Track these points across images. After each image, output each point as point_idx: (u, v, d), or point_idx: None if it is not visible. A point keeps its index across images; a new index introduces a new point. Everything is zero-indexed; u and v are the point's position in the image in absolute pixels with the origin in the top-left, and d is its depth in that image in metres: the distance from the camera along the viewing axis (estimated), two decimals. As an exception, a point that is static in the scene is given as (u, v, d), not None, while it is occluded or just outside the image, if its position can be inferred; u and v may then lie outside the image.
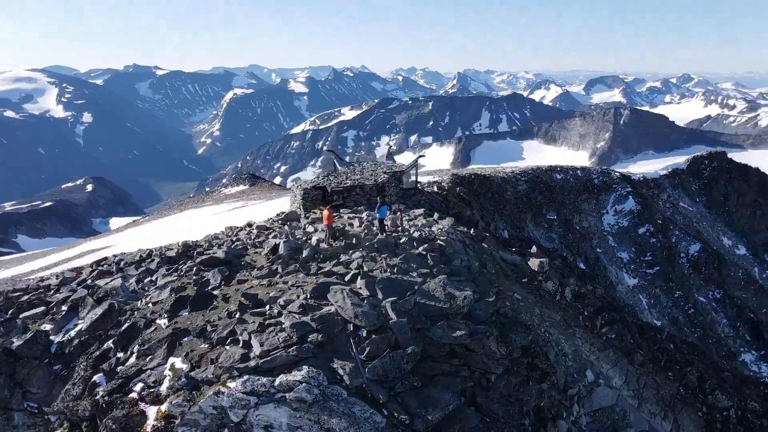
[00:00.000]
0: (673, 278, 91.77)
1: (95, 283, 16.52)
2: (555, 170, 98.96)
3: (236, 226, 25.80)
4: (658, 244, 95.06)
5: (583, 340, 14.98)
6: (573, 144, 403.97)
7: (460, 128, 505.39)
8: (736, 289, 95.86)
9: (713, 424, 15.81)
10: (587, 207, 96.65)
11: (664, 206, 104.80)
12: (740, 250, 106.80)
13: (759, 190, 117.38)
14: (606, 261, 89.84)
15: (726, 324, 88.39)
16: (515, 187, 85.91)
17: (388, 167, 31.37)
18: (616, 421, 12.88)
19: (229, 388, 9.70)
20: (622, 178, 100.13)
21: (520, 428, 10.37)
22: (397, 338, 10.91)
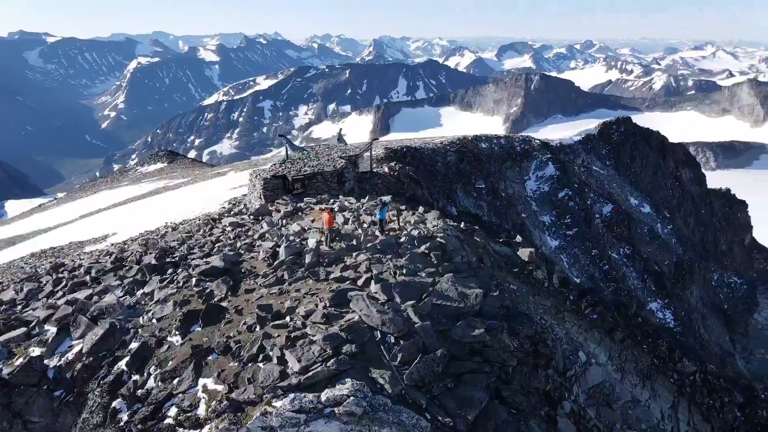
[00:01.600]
0: (589, 238, 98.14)
1: (75, 297, 15.73)
2: (480, 139, 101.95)
3: (203, 220, 25.06)
4: (576, 207, 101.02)
5: (571, 323, 16.33)
6: (488, 110, 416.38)
7: (378, 96, 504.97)
8: (642, 245, 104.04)
9: (683, 388, 17.90)
10: (511, 174, 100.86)
11: (580, 170, 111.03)
12: (645, 208, 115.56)
13: (659, 152, 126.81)
14: (530, 225, 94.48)
15: (635, 277, 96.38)
16: (445, 158, 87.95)
17: (343, 151, 31.40)
18: (607, 396, 14.33)
19: (275, 408, 9.88)
20: (542, 145, 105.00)
21: (541, 416, 11.37)
22: (424, 342, 11.47)
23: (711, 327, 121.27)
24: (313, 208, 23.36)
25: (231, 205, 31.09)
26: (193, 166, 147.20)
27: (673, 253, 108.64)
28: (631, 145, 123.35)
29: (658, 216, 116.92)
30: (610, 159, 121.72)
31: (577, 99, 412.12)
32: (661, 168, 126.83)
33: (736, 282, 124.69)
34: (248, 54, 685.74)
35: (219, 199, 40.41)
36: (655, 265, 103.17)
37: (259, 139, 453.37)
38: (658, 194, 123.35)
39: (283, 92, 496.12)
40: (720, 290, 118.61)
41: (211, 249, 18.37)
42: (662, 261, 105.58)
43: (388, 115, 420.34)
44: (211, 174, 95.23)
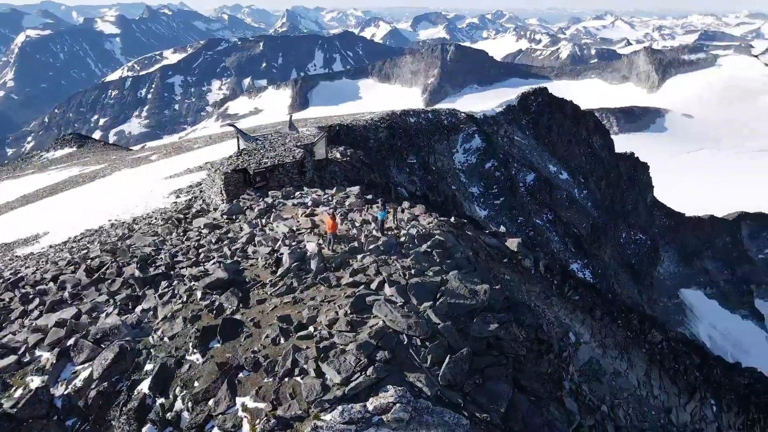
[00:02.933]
0: (515, 206, 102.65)
1: (62, 318, 14.97)
2: (408, 114, 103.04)
3: (167, 220, 24.06)
4: (502, 177, 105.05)
5: (558, 307, 17.59)
6: (406, 81, 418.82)
7: (294, 69, 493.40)
8: (562, 210, 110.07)
9: (654, 356, 19.84)
10: (440, 147, 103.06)
11: (503, 141, 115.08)
12: (563, 175, 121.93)
13: (573, 121, 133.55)
14: (460, 197, 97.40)
15: (557, 241, 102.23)
16: (376, 135, 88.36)
17: (297, 139, 31.02)
18: (596, 371, 15.73)
19: (326, 421, 10.19)
20: (468, 118, 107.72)
21: (557, 400, 12.44)
22: (449, 342, 12.11)
23: (622, 281, 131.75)
24: (285, 204, 23.17)
25: (187, 201, 29.98)
26: (107, 150, 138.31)
27: (589, 216, 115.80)
28: (548, 115, 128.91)
29: (574, 182, 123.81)
30: (529, 129, 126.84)
31: (490, 69, 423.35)
32: (575, 136, 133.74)
33: (641, 238, 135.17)
34: (152, 26, 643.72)
35: (162, 191, 38.76)
36: (574, 229, 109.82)
37: (171, 117, 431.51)
38: (573, 161, 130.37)
39: (193, 66, 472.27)
40: (628, 247, 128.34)
41: (197, 256, 17.91)
42: (580, 224, 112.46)
43: (306, 88, 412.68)
44: (131, 159, 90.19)
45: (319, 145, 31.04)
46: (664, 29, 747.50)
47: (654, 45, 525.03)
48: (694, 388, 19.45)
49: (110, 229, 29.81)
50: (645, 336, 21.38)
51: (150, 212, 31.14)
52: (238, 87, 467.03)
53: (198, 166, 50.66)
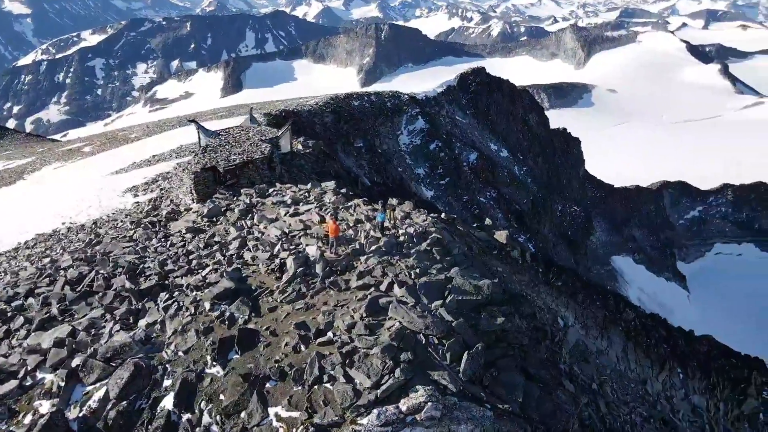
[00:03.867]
0: (460, 185, 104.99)
1: (58, 337, 14.52)
2: (352, 97, 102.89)
3: (137, 223, 23.28)
4: (446, 158, 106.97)
5: (545, 294, 18.62)
6: (341, 61, 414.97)
7: (225, 51, 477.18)
8: (504, 187, 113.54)
9: (629, 333, 21.38)
10: (384, 130, 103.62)
11: (445, 122, 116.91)
12: (503, 153, 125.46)
13: (510, 99, 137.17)
14: (407, 179, 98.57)
15: (501, 217, 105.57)
16: (323, 120, 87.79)
17: (261, 133, 30.57)
18: (583, 352, 16.91)
19: (363, 425, 10.65)
20: (411, 100, 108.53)
21: (563, 385, 13.43)
22: (464, 339, 12.77)
23: (560, 252, 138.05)
24: (264, 203, 23.02)
25: (151, 201, 29.02)
26: (30, 141, 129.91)
27: (529, 192, 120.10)
28: (486, 94, 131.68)
29: (514, 159, 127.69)
30: (469, 108, 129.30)
31: (425, 48, 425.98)
32: (513, 114, 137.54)
33: (576, 211, 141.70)
34: (66, 5, 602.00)
35: (113, 189, 37.23)
36: (516, 205, 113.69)
37: (94, 103, 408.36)
38: (511, 138, 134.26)
39: (116, 49, 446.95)
40: (564, 219, 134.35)
41: (188, 263, 17.65)
42: (521, 200, 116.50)
43: (238, 70, 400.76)
44: (62, 152, 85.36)
45: (283, 138, 30.76)
46: (588, 6, 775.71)
47: (579, 22, 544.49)
48: (664, 359, 21.32)
49: (69, 234, 28.52)
50: (620, 315, 23.13)
51: (110, 213, 29.98)
52: (165, 70, 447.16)
53: (146, 160, 48.85)
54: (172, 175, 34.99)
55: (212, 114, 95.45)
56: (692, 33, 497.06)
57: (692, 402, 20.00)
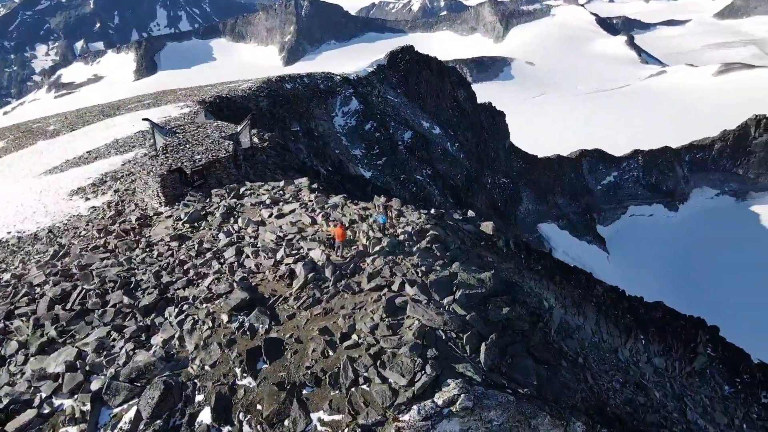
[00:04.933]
0: (396, 164, 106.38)
1: (68, 360, 14.26)
2: (285, 80, 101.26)
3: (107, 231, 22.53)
4: (382, 137, 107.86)
5: (529, 278, 19.96)
6: (261, 39, 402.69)
7: (135, 30, 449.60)
8: (438, 163, 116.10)
9: (600, 307, 23.27)
10: (319, 112, 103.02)
11: (378, 101, 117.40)
12: (436, 130, 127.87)
13: (438, 76, 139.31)
14: (345, 160, 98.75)
15: (437, 194, 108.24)
16: (257, 104, 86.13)
17: (220, 129, 29.96)
18: (566, 329, 18.49)
19: (406, 422, 11.49)
20: (343, 81, 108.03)
21: (564, 366, 14.83)
22: (479, 331, 13.81)
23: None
24: (243, 204, 22.94)
25: (110, 205, 27.87)
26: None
27: (462, 167, 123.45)
28: (416, 72, 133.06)
29: (446, 135, 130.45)
30: (400, 87, 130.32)
31: (347, 24, 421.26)
32: (441, 90, 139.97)
33: (504, 182, 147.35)
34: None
35: (58, 193, 35.24)
36: (451, 180, 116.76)
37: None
38: (442, 115, 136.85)
39: (10, 30, 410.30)
40: (494, 191, 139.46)
41: (185, 273, 17.55)
42: (455, 175, 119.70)
43: (151, 51, 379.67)
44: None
45: (243, 133, 30.30)
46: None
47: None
48: (629, 328, 23.56)
49: (23, 245, 27.04)
50: (591, 291, 25.18)
51: (64, 221, 28.62)
52: (69, 52, 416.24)
53: (81, 158, 46.37)
54: (123, 175, 33.62)
55: (137, 102, 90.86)
56: (600, 6, 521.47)
57: (654, 364, 22.41)
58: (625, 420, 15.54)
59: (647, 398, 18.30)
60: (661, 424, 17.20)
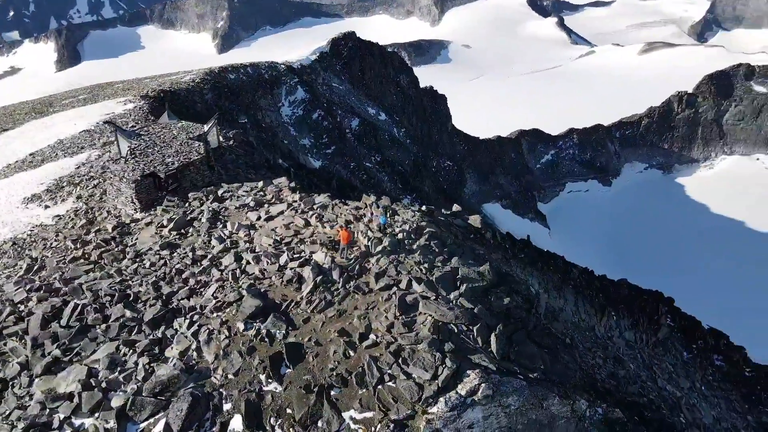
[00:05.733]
0: (346, 152, 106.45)
1: (85, 381, 14.12)
2: (227, 71, 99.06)
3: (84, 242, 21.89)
4: (330, 126, 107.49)
5: (515, 267, 21.01)
6: (193, 26, 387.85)
7: (53, 18, 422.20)
8: (387, 149, 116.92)
9: (577, 288, 24.72)
10: (265, 103, 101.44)
11: (323, 89, 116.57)
12: (382, 116, 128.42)
13: (381, 62, 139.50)
14: (295, 151, 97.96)
15: (387, 180, 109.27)
16: (203, 97, 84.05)
17: (186, 130, 29.35)
18: (552, 312, 19.74)
19: (435, 413, 12.27)
20: (288, 70, 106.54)
21: (562, 347, 15.99)
22: (486, 322, 14.70)
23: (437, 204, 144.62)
24: (227, 208, 22.84)
25: (78, 212, 26.90)
26: None
27: (409, 152, 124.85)
28: (359, 59, 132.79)
29: (392, 121, 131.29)
30: (344, 74, 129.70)
31: (281, 9, 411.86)
32: (385, 76, 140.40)
33: (449, 165, 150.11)
34: None
35: (9, 201, 33.50)
36: (399, 166, 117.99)
37: None
38: (387, 101, 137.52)
39: None
40: (440, 175, 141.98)
41: (185, 283, 17.49)
42: (403, 161, 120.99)
43: (73, 40, 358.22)
44: None
45: (211, 132, 29.84)
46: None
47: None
48: (603, 306, 25.27)
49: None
50: (569, 274, 26.70)
51: (28, 231, 27.44)
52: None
53: (26, 161, 44.12)
54: (82, 180, 32.40)
55: (72, 98, 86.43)
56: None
57: (625, 338, 24.23)
58: (613, 393, 16.98)
59: (625, 370, 19.95)
60: (640, 394, 18.85)
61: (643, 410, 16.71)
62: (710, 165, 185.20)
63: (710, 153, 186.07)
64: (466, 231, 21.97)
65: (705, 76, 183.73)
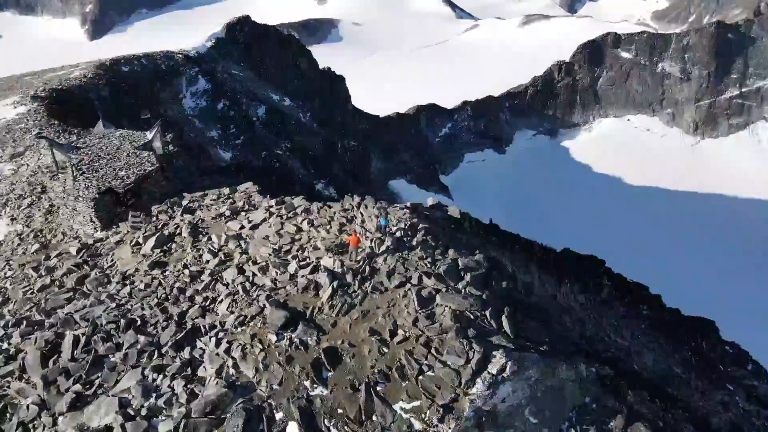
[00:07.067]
0: (256, 142, 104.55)
1: (121, 411, 14.05)
2: (119, 63, 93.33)
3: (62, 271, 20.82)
4: (236, 116, 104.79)
5: (493, 251, 22.75)
6: (57, 11, 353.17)
7: None
8: (295, 135, 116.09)
9: (540, 263, 27.04)
10: (165, 96, 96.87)
11: (224, 78, 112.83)
12: (286, 102, 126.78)
13: (279, 46, 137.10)
14: (203, 144, 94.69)
15: (299, 166, 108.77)
16: (99, 94, 79.02)
17: (130, 139, 28.03)
18: (526, 289, 21.88)
19: (475, 393, 13.81)
20: (187, 59, 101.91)
21: (549, 320, 18.11)
22: (495, 306, 16.39)
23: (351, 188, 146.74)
24: (203, 219, 22.57)
25: (34, 236, 25.05)
26: None
27: (317, 136, 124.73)
28: (257, 44, 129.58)
29: (297, 106, 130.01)
30: (243, 60, 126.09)
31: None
32: (284, 60, 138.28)
33: (354, 145, 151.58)
34: None
35: None
36: (309, 151, 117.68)
37: None
38: (289, 85, 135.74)
39: None
40: (345, 155, 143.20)
41: (191, 300, 17.49)
42: (312, 145, 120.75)
43: None
44: None
45: (155, 139, 28.74)
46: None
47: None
48: (560, 276, 28.01)
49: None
50: (531, 250, 29.09)
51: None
52: None
53: None
54: (10, 199, 29.98)
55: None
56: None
57: (579, 301, 27.26)
58: (590, 352, 19.52)
59: (588, 331, 22.72)
60: (605, 350, 21.67)
61: (615, 363, 19.38)
62: (589, 128, 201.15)
63: (589, 117, 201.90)
64: (448, 221, 23.55)
65: (579, 46, 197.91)
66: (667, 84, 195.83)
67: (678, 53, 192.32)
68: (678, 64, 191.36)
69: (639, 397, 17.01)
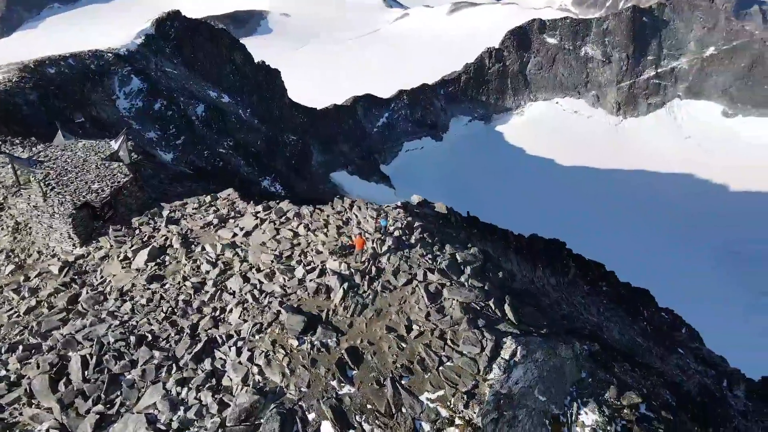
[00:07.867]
0: (197, 141, 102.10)
1: (152, 427, 14.18)
2: (45, 65, 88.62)
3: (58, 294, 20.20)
4: (175, 115, 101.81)
5: (477, 242, 23.86)
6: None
7: None
8: (237, 132, 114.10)
9: (516, 250, 28.41)
10: (96, 97, 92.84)
11: (158, 76, 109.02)
12: (225, 98, 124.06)
13: (212, 41, 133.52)
14: (148, 145, 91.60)
15: (243, 164, 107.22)
16: (27, 99, 74.93)
17: (94, 150, 27.07)
18: (509, 275, 23.27)
19: (493, 379, 14.96)
20: (117, 58, 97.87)
21: (548, 305, 19.52)
22: (497, 296, 17.54)
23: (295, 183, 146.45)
24: (191, 229, 22.38)
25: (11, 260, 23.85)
26: None
27: (259, 132, 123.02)
28: (189, 39, 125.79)
29: (236, 102, 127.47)
30: (176, 57, 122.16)
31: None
32: (219, 56, 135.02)
33: (293, 139, 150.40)
34: None
35: None
36: (252, 148, 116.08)
37: None
38: (225, 81, 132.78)
39: None
40: (286, 150, 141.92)
41: (200, 312, 17.57)
42: (255, 142, 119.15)
43: None
44: None
45: (122, 149, 27.89)
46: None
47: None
48: (534, 260, 29.64)
49: None
50: (507, 238, 30.48)
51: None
52: None
53: None
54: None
55: None
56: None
57: (551, 283, 29.08)
58: (575, 331, 21.20)
59: (564, 310, 24.47)
60: (583, 327, 23.48)
61: (597, 338, 21.16)
62: (521, 112, 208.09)
63: (520, 101, 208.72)
64: (436, 218, 24.50)
65: (507, 32, 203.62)
66: (590, 67, 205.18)
67: (599, 37, 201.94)
68: (599, 47, 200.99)
69: (623, 368, 18.75)
